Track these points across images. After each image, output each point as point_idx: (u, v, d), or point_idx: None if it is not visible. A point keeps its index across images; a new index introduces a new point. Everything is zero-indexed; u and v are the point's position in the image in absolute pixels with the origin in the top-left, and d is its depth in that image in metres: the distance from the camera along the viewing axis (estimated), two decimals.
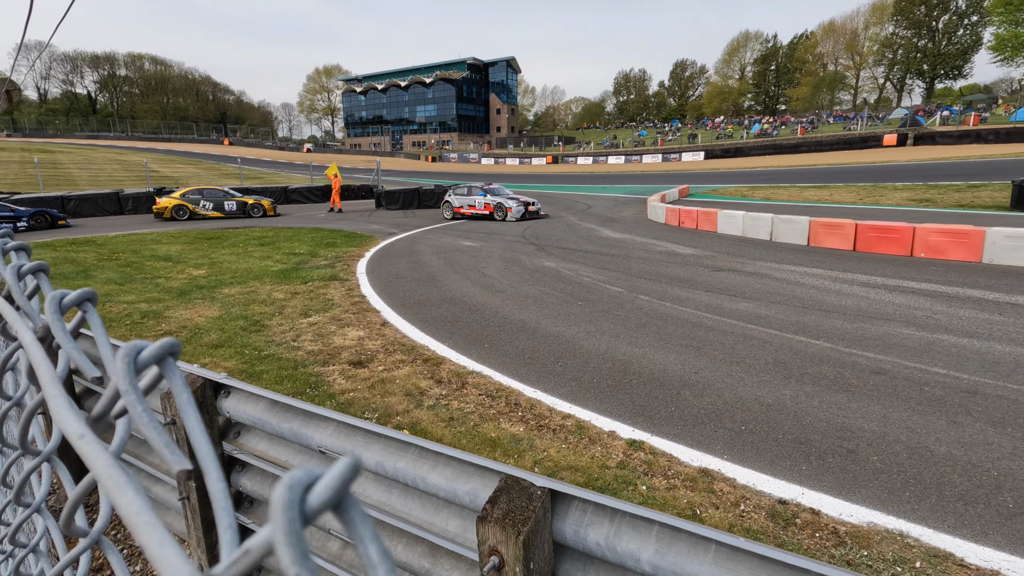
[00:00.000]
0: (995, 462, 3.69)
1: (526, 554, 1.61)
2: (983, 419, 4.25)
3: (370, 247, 13.96)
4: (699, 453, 3.96)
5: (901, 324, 6.58)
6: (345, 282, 9.84)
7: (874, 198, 20.29)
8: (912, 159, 35.91)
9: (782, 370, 5.34)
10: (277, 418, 2.47)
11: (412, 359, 5.93)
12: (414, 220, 20.79)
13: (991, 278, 8.80)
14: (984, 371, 5.13)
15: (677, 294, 8.36)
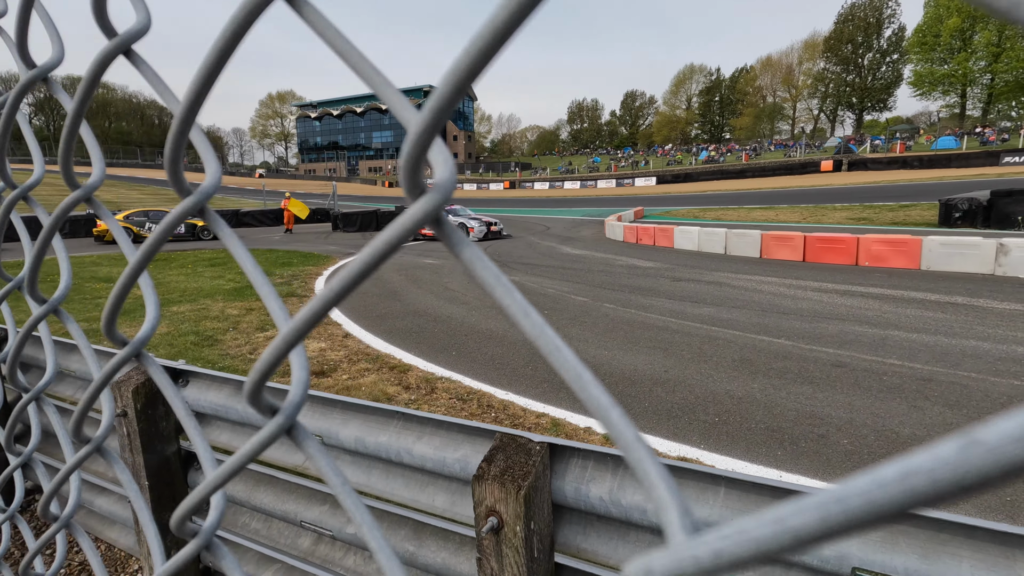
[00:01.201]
0: None
1: (527, 511, 1.51)
2: (940, 403, 4.41)
3: (328, 266, 13.60)
4: (676, 444, 3.94)
5: (855, 323, 6.84)
6: (303, 298, 9.51)
7: (816, 217, 21.38)
8: (848, 183, 38.22)
9: (748, 366, 5.43)
10: (242, 403, 2.28)
11: (378, 367, 5.73)
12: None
13: (930, 282, 9.32)
14: (935, 361, 5.36)
15: (641, 302, 8.46)
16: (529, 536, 1.53)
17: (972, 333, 6.24)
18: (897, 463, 0.14)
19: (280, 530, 2.39)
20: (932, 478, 0.14)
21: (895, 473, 0.14)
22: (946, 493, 0.13)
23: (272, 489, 2.36)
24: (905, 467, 0.14)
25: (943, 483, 0.13)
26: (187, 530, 0.48)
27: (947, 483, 0.13)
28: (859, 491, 0.15)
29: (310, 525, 2.22)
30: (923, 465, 0.14)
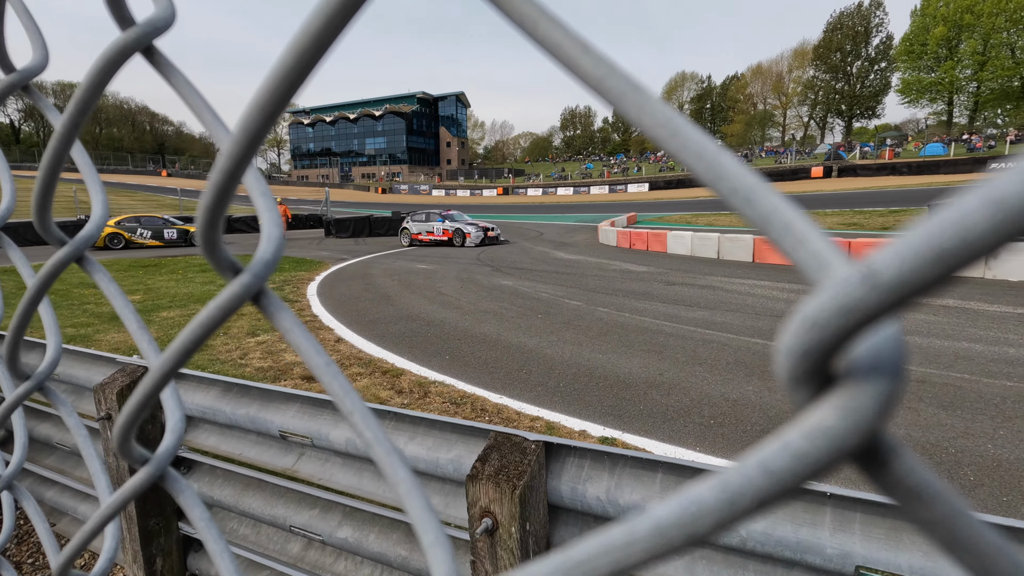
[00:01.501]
0: (951, 441, 3.81)
1: (522, 511, 1.47)
2: (934, 404, 4.41)
3: (320, 271, 13.52)
4: (672, 447, 3.91)
5: None
6: (295, 303, 9.43)
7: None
8: (838, 188, 38.57)
9: (743, 369, 5.42)
10: (231, 404, 2.23)
11: (370, 372, 5.67)
12: (365, 247, 20.39)
13: None
14: (929, 363, 5.37)
15: (635, 305, 8.45)
16: (524, 537, 1.49)
17: (964, 335, 6.27)
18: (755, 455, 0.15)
19: (269, 535, 2.33)
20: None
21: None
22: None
23: (261, 493, 2.30)
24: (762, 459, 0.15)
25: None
26: (136, 456, 0.44)
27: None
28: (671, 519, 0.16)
29: (299, 530, 2.17)
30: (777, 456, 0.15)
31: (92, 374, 2.64)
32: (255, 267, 0.31)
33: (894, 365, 0.15)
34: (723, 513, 0.15)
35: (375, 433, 0.28)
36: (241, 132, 0.25)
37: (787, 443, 0.15)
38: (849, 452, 0.14)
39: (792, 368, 0.15)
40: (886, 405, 0.14)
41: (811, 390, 0.15)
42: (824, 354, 0.15)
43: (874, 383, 0.14)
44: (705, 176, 0.18)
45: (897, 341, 0.15)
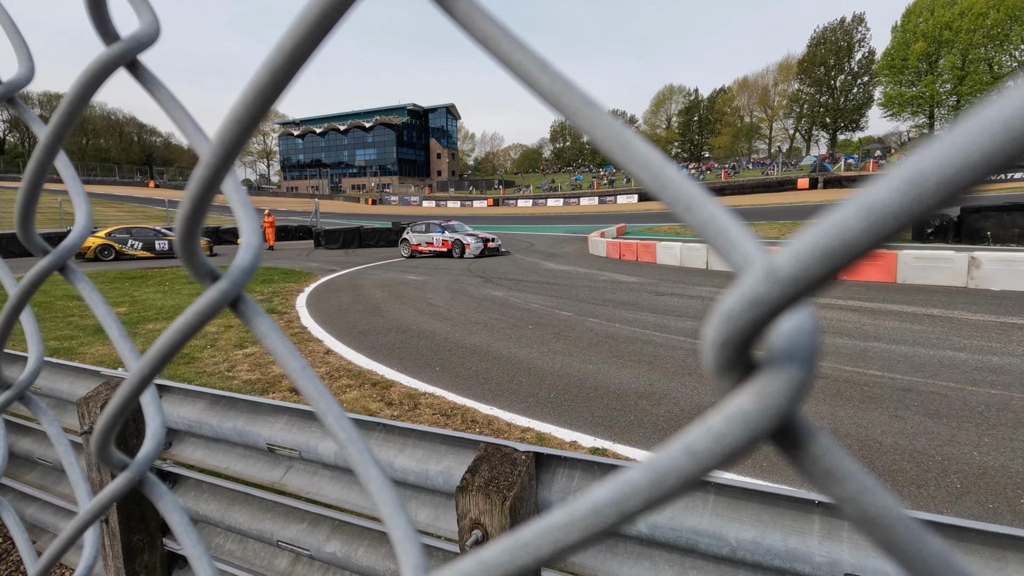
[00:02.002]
0: (938, 448, 3.85)
1: (512, 523, 1.46)
2: (921, 412, 4.46)
3: (310, 283, 13.44)
4: None
5: (835, 335, 6.92)
6: (284, 315, 9.36)
7: (794, 233, 21.78)
8: (824, 199, 39.12)
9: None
10: (218, 417, 2.21)
11: (360, 383, 5.62)
12: (355, 258, 20.32)
13: (907, 295, 9.51)
14: (914, 371, 5.43)
15: (625, 316, 8.48)
16: None
17: (949, 344, 6.35)
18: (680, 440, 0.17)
19: (256, 551, 2.29)
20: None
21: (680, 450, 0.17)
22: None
23: (248, 508, 2.27)
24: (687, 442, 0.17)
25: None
26: (116, 461, 0.43)
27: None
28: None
29: (287, 544, 2.14)
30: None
31: (76, 387, 2.60)
32: (233, 274, 0.31)
33: (806, 355, 0.16)
34: (652, 492, 0.17)
35: (349, 434, 0.28)
36: (218, 144, 0.26)
37: (709, 427, 0.16)
38: (765, 434, 0.16)
39: (714, 358, 0.16)
40: (798, 390, 0.16)
41: (733, 378, 0.17)
42: (739, 344, 0.16)
43: (787, 371, 0.16)
44: (651, 186, 0.19)
45: (810, 333, 0.16)
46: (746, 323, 0.16)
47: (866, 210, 0.14)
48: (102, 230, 20.66)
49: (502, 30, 0.21)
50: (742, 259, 0.17)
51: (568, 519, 0.18)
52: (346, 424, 0.29)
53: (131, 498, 2.42)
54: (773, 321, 0.16)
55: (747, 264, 0.17)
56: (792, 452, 0.17)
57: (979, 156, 0.13)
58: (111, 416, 0.36)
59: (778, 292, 0.15)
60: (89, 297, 0.47)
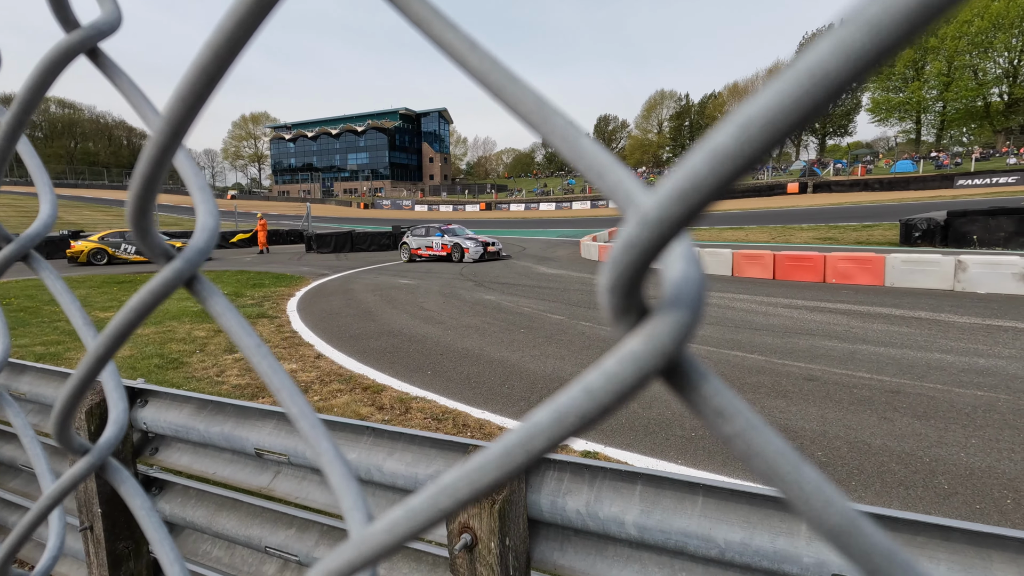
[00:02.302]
0: (925, 450, 3.88)
1: (501, 526, 1.46)
2: (908, 414, 4.50)
3: (301, 287, 13.37)
4: (654, 460, 3.91)
5: (824, 338, 6.98)
6: (275, 319, 9.30)
7: (784, 237, 21.97)
8: (813, 204, 39.48)
9: (724, 381, 5.46)
10: (205, 422, 2.19)
11: (351, 388, 5.59)
12: (347, 262, 20.24)
13: (895, 298, 9.61)
14: (902, 374, 5.48)
15: None
16: (504, 553, 1.48)
17: (936, 346, 6.42)
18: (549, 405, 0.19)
19: (243, 557, 2.27)
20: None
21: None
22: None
23: (235, 514, 2.24)
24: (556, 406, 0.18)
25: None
26: (76, 445, 0.43)
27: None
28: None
29: (275, 551, 2.11)
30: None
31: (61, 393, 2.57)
32: (187, 254, 0.32)
33: (692, 300, 0.17)
34: (554, 430, 0.18)
35: (301, 408, 0.30)
36: (165, 122, 0.27)
37: (604, 368, 0.17)
38: (653, 373, 0.17)
39: (606, 303, 0.18)
40: (684, 332, 0.17)
41: (627, 323, 0.18)
42: (626, 288, 0.17)
43: (674, 314, 0.17)
44: (568, 155, 0.21)
45: (697, 281, 0.17)
46: (627, 266, 0.17)
47: (709, 154, 0.16)
48: (95, 234, 20.53)
49: (433, 9, 0.24)
50: (626, 204, 0.19)
51: (483, 463, 0.19)
52: (299, 400, 0.30)
53: (116, 504, 2.38)
54: (651, 262, 0.17)
55: (628, 210, 0.18)
56: (684, 392, 0.18)
57: (792, 103, 0.15)
58: (69, 397, 0.37)
59: (648, 234, 0.16)
60: (52, 286, 0.47)
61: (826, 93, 0.14)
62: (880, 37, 0.14)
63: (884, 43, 0.14)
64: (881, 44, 0.14)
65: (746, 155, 0.15)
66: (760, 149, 0.15)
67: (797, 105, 0.15)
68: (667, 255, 0.18)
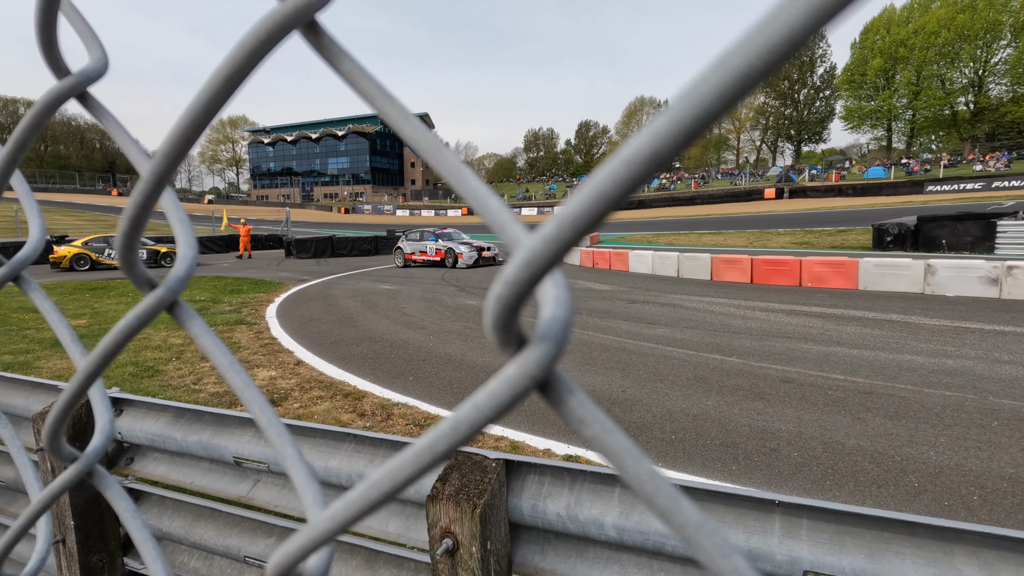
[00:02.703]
0: (897, 449, 3.99)
1: (483, 531, 1.47)
2: (881, 414, 4.61)
3: (280, 293, 13.21)
4: None
5: (800, 340, 7.12)
6: (253, 325, 9.17)
7: (762, 241, 22.36)
8: (789, 209, 40.27)
9: (703, 384, 5.55)
10: (183, 431, 2.16)
11: (331, 395, 5.54)
12: (327, 268, 20.05)
13: (868, 300, 9.85)
14: (875, 375, 5.62)
15: (598, 324, 8.57)
16: (485, 557, 1.49)
17: (907, 348, 6.60)
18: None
19: (222, 568, 2.24)
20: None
21: None
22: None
23: (214, 523, 2.22)
24: None
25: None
26: (66, 454, 0.46)
27: None
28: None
29: (255, 560, 2.09)
30: None
31: (31, 403, 2.51)
32: (169, 282, 0.36)
33: (556, 335, 0.21)
34: (452, 437, 0.22)
35: (270, 419, 0.33)
36: (151, 174, 0.30)
37: (488, 388, 0.21)
38: (524, 393, 0.21)
39: (492, 337, 0.21)
40: (549, 360, 0.21)
41: (510, 351, 0.22)
42: (503, 323, 0.21)
43: (542, 347, 0.21)
44: (456, 186, 0.25)
45: (562, 320, 0.21)
46: (506, 304, 0.21)
47: (591, 193, 0.19)
48: (79, 240, 20.11)
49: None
50: (512, 242, 0.23)
51: (400, 463, 0.24)
52: (268, 411, 0.33)
53: (90, 516, 2.33)
54: (524, 300, 0.21)
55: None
56: (554, 404, 0.22)
57: (654, 153, 0.18)
58: (60, 410, 0.39)
59: (545, 247, 0.20)
60: (42, 305, 0.49)
61: (681, 141, 0.17)
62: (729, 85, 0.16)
63: (733, 89, 0.16)
64: (730, 90, 0.16)
65: (618, 195, 0.18)
66: (628, 189, 0.18)
67: (656, 156, 0.17)
68: (543, 298, 0.22)
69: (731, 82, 0.16)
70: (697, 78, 0.17)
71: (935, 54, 61.99)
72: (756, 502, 1.38)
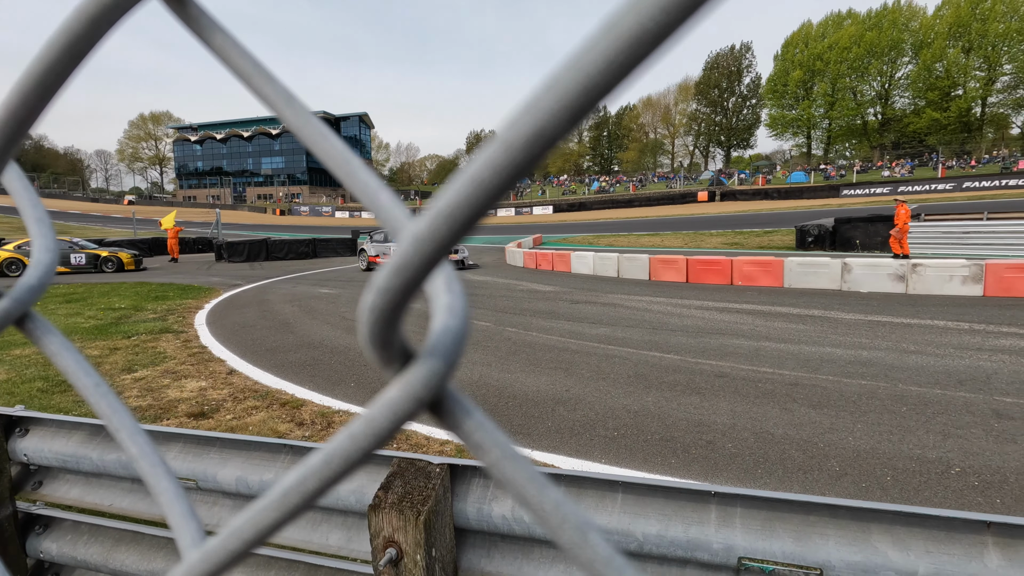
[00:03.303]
0: (820, 436, 4.25)
1: (427, 538, 1.44)
2: (806, 404, 4.91)
3: (211, 299, 12.54)
4: (579, 461, 4.01)
5: (732, 336, 7.48)
6: (181, 334, 8.65)
7: (696, 242, 23.35)
8: (721, 211, 42.25)
9: (643, 381, 5.72)
10: (99, 450, 2.00)
11: (267, 404, 5.31)
12: (261, 272, 19.23)
13: (792, 298, 10.48)
14: (800, 367, 5.98)
15: (542, 324, 8.66)
16: (431, 564, 1.47)
17: (828, 341, 7.06)
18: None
19: None
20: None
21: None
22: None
23: (136, 547, 2.06)
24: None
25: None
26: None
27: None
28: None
29: None
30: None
31: None
32: (16, 292, 0.31)
33: (447, 350, 0.19)
34: (324, 472, 0.20)
35: (141, 448, 0.30)
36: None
37: (366, 414, 0.19)
38: (408, 417, 0.19)
39: (372, 355, 0.19)
40: (438, 379, 0.18)
41: (393, 368, 0.20)
42: (385, 332, 0.19)
43: (429, 363, 0.19)
44: (343, 177, 0.23)
45: (455, 332, 0.19)
46: (379, 316, 0.19)
47: (469, 182, 0.18)
48: (11, 243, 18.41)
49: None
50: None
51: (265, 504, 0.21)
52: (140, 439, 0.30)
53: None
54: (400, 308, 0.19)
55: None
56: (450, 428, 0.20)
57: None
58: None
59: (416, 251, 0.18)
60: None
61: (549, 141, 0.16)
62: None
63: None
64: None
65: (498, 184, 0.17)
66: (509, 178, 0.17)
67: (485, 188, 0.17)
68: (435, 306, 0.19)
69: (622, 47, 0.14)
70: (583, 44, 0.14)
71: (847, 68, 66.94)
72: (694, 494, 1.43)
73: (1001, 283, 9.77)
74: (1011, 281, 9.70)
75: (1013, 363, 5.86)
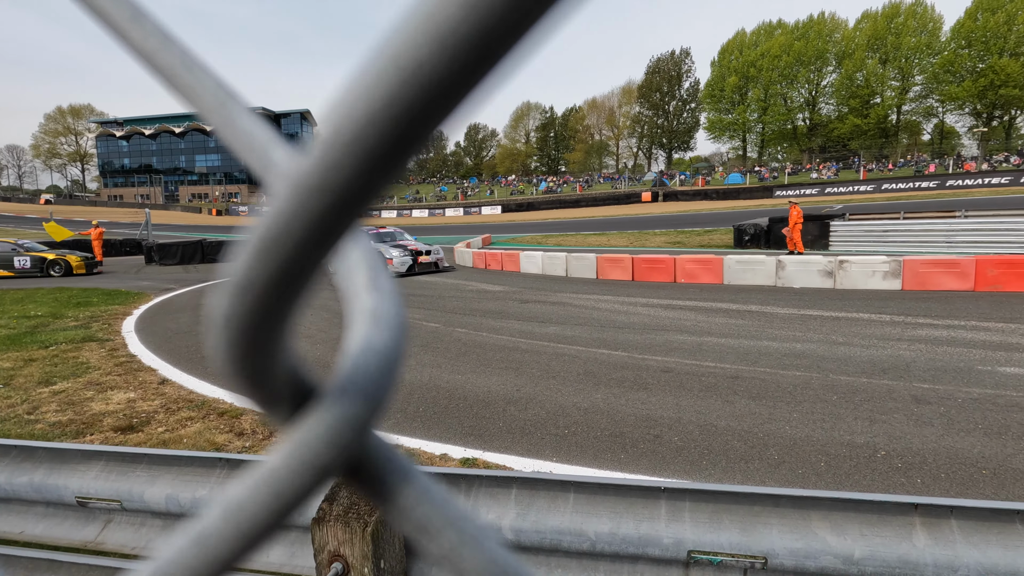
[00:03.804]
0: (759, 426, 4.44)
1: (376, 550, 1.39)
2: (746, 396, 5.12)
3: (140, 304, 11.79)
4: (531, 460, 4.02)
5: (676, 332, 7.71)
6: (106, 343, 8.08)
7: (641, 241, 23.99)
8: (664, 211, 43.62)
9: (592, 379, 5.80)
10: (7, 472, 1.82)
11: (204, 415, 5.03)
12: (197, 275, 18.28)
13: (732, 294, 10.92)
14: (740, 361, 6.23)
15: (491, 324, 8.64)
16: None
17: (765, 335, 7.40)
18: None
19: None
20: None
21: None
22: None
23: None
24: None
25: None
26: None
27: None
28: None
29: None
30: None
31: None
32: None
33: (369, 380, 0.11)
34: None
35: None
36: None
37: (229, 496, 0.13)
38: (303, 496, 0.12)
39: (241, 390, 0.13)
40: (352, 432, 0.11)
41: (280, 416, 0.12)
42: (251, 355, 0.13)
43: (339, 406, 0.11)
44: (216, 124, 0.20)
45: (385, 353, 0.12)
46: (239, 331, 0.12)
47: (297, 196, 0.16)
48: None
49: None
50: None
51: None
52: None
53: None
54: (279, 317, 0.13)
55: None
56: (379, 499, 0.12)
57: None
58: None
59: (240, 305, 0.14)
60: None
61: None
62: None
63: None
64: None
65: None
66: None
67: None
68: (353, 313, 0.12)
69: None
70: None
71: (778, 75, 70.61)
72: (644, 490, 1.45)
73: (917, 278, 10.55)
74: (926, 276, 10.49)
75: (928, 352, 6.33)
